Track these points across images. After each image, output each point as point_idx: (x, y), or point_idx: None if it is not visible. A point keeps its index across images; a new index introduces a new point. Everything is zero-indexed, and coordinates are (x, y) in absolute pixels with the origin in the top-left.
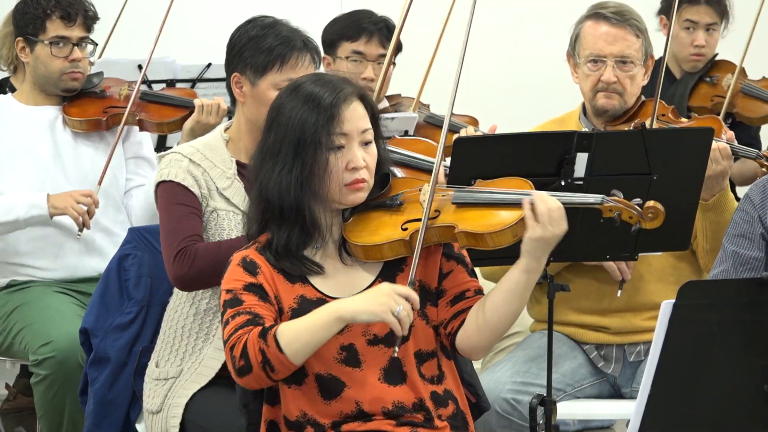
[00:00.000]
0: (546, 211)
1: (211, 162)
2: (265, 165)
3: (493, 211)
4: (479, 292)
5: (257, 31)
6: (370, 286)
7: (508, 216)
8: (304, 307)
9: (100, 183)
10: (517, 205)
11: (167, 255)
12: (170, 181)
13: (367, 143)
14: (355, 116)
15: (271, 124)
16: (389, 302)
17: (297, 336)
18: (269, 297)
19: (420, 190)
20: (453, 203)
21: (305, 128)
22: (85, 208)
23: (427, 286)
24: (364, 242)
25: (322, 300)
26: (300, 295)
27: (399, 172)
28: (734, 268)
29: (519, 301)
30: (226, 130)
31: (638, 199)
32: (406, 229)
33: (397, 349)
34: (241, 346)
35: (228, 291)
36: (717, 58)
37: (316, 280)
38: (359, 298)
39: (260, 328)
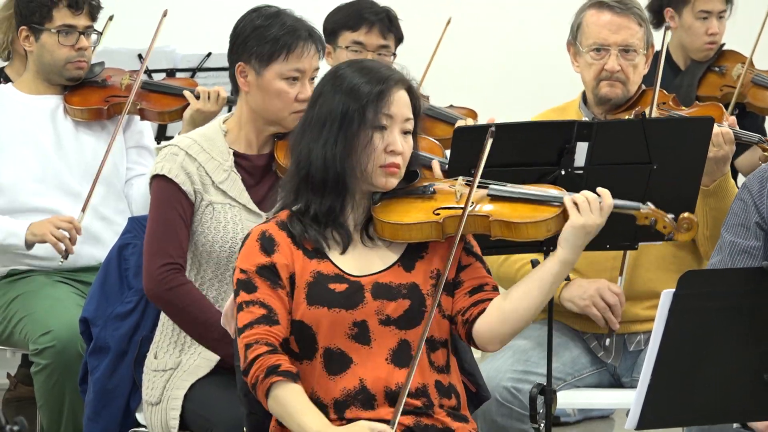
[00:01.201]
0: (587, 200)
1: (209, 154)
2: (307, 135)
3: (528, 206)
4: (496, 288)
5: (262, 20)
6: (388, 268)
7: (544, 211)
8: (319, 281)
9: (83, 210)
10: (552, 203)
11: (151, 259)
12: (164, 176)
13: (406, 132)
14: (402, 102)
15: (317, 96)
16: None
17: (283, 408)
18: (281, 280)
19: (456, 180)
20: (488, 195)
21: (357, 99)
22: (66, 234)
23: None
24: (393, 220)
25: (340, 276)
26: (317, 270)
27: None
28: (731, 257)
29: (549, 291)
30: (225, 121)
31: (671, 214)
32: (438, 214)
33: None
34: (251, 359)
35: (242, 271)
36: (723, 47)
37: (335, 257)
38: (340, 429)
39: (273, 360)
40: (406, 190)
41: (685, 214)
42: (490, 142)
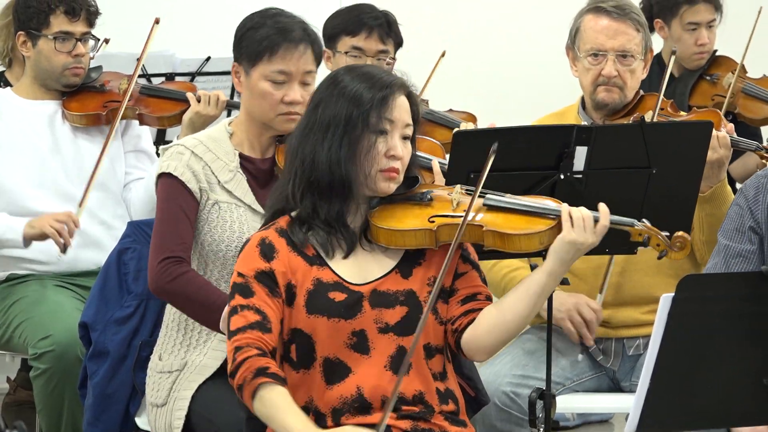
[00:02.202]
0: (582, 218)
1: (214, 154)
2: (311, 138)
3: (523, 217)
4: (489, 298)
5: (257, 20)
6: (387, 274)
7: (538, 223)
8: (319, 289)
9: (81, 204)
10: (547, 216)
11: (154, 255)
12: (170, 174)
13: (405, 138)
14: (403, 108)
15: (318, 102)
16: None
17: (267, 409)
18: (278, 288)
19: (454, 188)
20: (484, 205)
21: (360, 104)
22: (65, 227)
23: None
24: (389, 226)
25: (339, 284)
26: (317, 277)
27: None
28: (725, 260)
29: (536, 302)
30: (230, 123)
31: (666, 232)
32: (433, 222)
33: None
34: (240, 360)
35: (240, 275)
36: (716, 53)
37: (335, 264)
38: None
39: (262, 362)
40: (404, 196)
41: (679, 233)
42: (492, 158)
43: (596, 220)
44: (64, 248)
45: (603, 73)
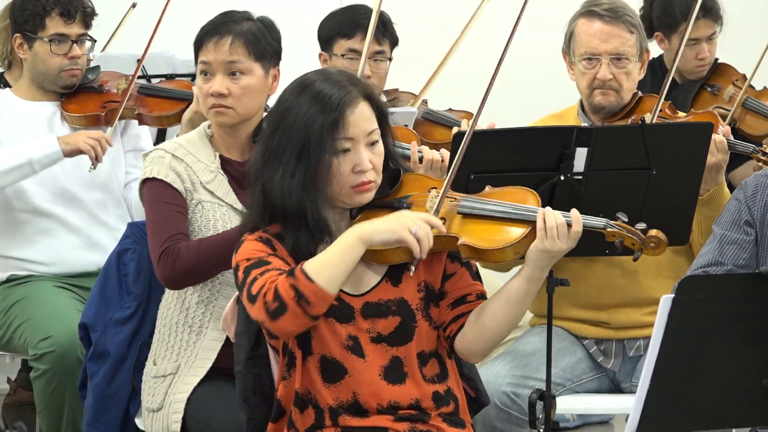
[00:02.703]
0: (555, 226)
1: (194, 157)
2: (268, 167)
3: (497, 226)
4: (481, 296)
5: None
6: (377, 285)
7: (511, 233)
8: None
9: (112, 125)
10: (522, 221)
11: (153, 257)
12: (153, 178)
13: (373, 143)
14: (361, 119)
15: (275, 125)
16: (407, 222)
17: (324, 264)
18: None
19: (430, 192)
20: (458, 213)
21: (310, 132)
22: (98, 144)
23: (431, 287)
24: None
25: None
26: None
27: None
28: (720, 246)
29: (518, 309)
30: (210, 126)
31: (642, 224)
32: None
33: (413, 268)
34: (273, 289)
35: (248, 259)
36: (717, 62)
37: None
38: (379, 219)
39: (283, 274)
40: (383, 203)
41: (653, 232)
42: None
43: (569, 225)
44: (95, 164)
45: (598, 77)
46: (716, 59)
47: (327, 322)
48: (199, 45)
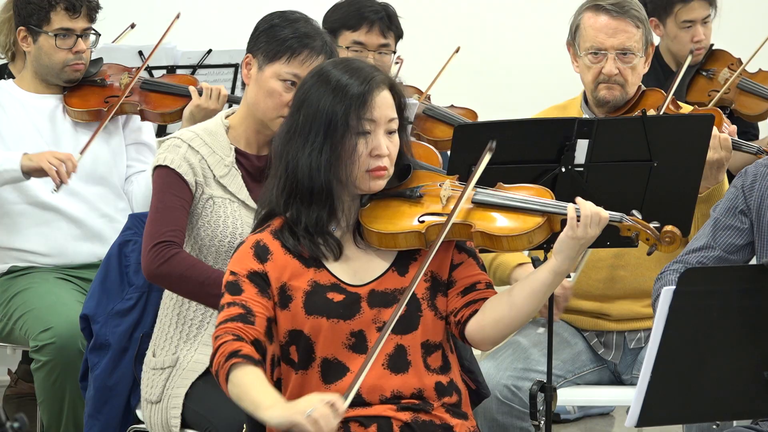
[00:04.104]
0: (590, 214)
1: (210, 148)
2: (293, 144)
3: (511, 215)
4: (490, 285)
5: (279, 21)
6: (384, 274)
7: (526, 221)
8: (317, 290)
9: (82, 152)
10: (535, 212)
11: (146, 242)
12: (166, 166)
13: (391, 132)
14: (384, 104)
15: (299, 104)
16: (305, 406)
17: (238, 394)
18: (270, 289)
19: (441, 185)
20: (473, 202)
21: (336, 111)
22: (63, 165)
23: (438, 277)
24: (379, 229)
25: (337, 285)
26: (313, 279)
27: None
28: (713, 230)
29: (539, 300)
30: (227, 116)
31: (656, 222)
32: (422, 222)
33: None
34: (216, 345)
35: (233, 273)
36: (713, 48)
37: (331, 265)
38: (288, 405)
39: (235, 346)
40: (395, 192)
41: (668, 227)
42: (488, 156)
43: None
44: (58, 186)
45: (604, 72)
46: (711, 45)
47: (330, 322)
48: (291, 52)
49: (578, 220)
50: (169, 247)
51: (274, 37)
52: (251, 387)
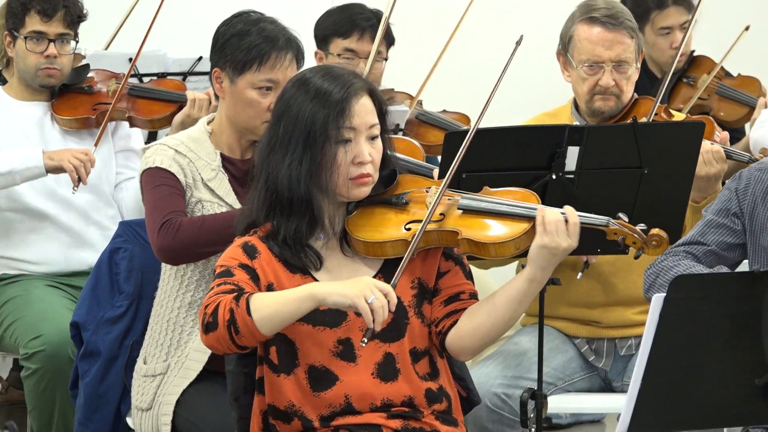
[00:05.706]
0: (554, 222)
1: (196, 154)
2: (273, 155)
3: (497, 221)
4: (474, 296)
5: (241, 26)
6: None
7: (512, 228)
8: None
9: (96, 144)
10: (522, 218)
11: (151, 229)
12: (156, 167)
13: (373, 138)
14: (363, 111)
15: (280, 115)
16: (365, 290)
17: (267, 304)
18: (260, 282)
19: (427, 191)
20: (459, 209)
21: (315, 121)
22: (83, 166)
23: (425, 284)
24: (365, 237)
25: None
26: (300, 286)
27: None
28: (703, 229)
29: (518, 308)
30: (209, 122)
31: (643, 225)
32: (409, 230)
33: (365, 340)
34: (214, 305)
35: (221, 266)
36: (694, 54)
37: (317, 273)
38: (338, 282)
39: (235, 292)
40: (381, 198)
41: (655, 231)
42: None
43: (566, 221)
44: (78, 184)
45: (600, 84)
46: (692, 51)
47: (316, 329)
48: (259, 59)
49: (544, 228)
50: (172, 221)
51: (238, 47)
52: (280, 292)
